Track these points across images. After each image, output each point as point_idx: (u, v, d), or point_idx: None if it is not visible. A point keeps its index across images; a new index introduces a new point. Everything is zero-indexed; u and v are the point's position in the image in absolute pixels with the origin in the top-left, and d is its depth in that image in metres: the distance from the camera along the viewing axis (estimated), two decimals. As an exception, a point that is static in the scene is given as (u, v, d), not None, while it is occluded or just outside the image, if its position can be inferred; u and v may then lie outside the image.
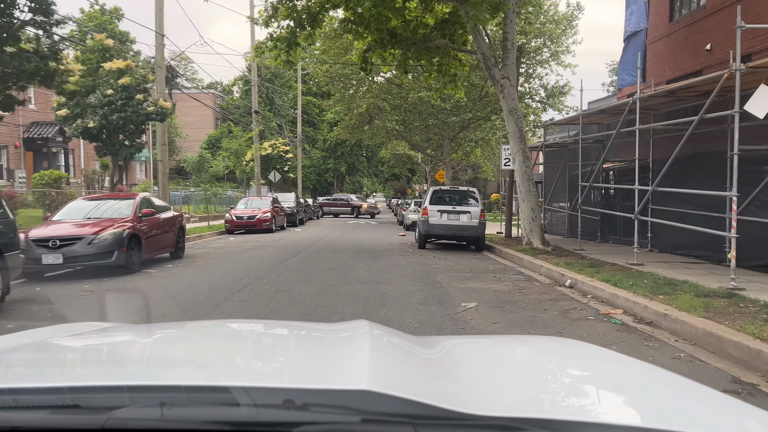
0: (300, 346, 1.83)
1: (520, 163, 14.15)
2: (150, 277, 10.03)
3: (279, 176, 35.97)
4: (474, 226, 15.34)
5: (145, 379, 1.30)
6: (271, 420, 1.03)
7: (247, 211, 23.25)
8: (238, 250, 15.22)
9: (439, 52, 15.97)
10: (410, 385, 1.28)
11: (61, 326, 2.09)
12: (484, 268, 11.71)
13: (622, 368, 1.65)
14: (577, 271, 9.79)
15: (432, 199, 15.85)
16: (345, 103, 27.80)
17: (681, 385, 1.47)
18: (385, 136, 31.00)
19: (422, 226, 15.63)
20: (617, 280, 8.35)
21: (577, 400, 1.36)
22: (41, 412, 1.08)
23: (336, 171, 52.74)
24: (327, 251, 14.77)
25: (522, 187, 14.16)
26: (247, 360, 1.64)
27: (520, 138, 14.17)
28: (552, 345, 2.14)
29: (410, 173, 58.78)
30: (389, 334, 1.90)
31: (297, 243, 17.44)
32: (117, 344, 1.85)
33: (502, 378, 1.51)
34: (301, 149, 46.94)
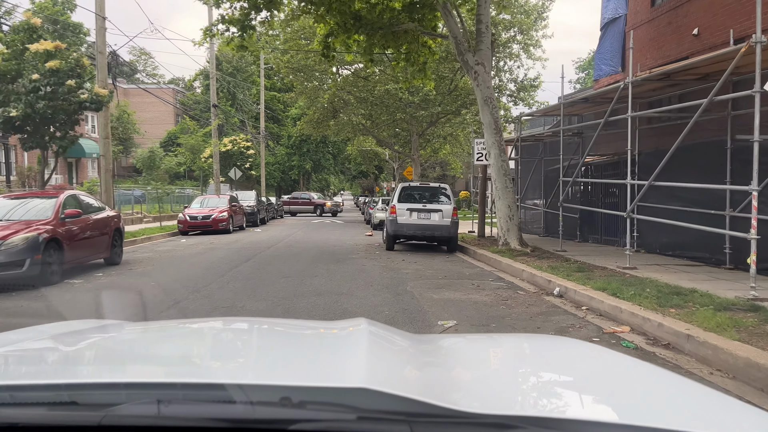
0: (297, 344, 1.81)
1: (496, 156, 13.00)
2: (67, 290, 8.49)
3: (240, 173, 34.21)
4: (446, 226, 14.15)
5: (142, 376, 1.31)
6: (267, 417, 1.03)
7: (202, 211, 21.64)
8: (186, 254, 13.71)
9: (407, 38, 14.71)
10: (407, 383, 1.34)
11: (58, 323, 2.10)
12: (459, 272, 10.50)
13: (619, 366, 1.63)
14: (564, 276, 8.65)
15: (400, 197, 14.61)
16: (308, 95, 26.33)
17: (679, 384, 1.48)
18: (351, 132, 29.65)
19: (390, 226, 14.37)
20: (615, 288, 7.22)
21: (573, 398, 1.34)
22: (38, 409, 1.07)
23: (301, 168, 51.12)
24: (285, 255, 13.38)
25: (498, 183, 13.02)
26: (243, 357, 1.63)
27: (496, 130, 13.01)
28: (548, 343, 2.13)
29: (378, 171, 57.54)
30: (387, 332, 1.90)
31: (253, 245, 15.98)
32: (114, 341, 1.84)
33: (498, 376, 1.55)
34: (264, 146, 45.19)
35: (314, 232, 22.02)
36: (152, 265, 11.49)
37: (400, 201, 14.48)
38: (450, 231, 14.18)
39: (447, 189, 14.93)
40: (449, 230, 14.16)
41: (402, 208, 14.29)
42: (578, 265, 9.92)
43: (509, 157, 17.59)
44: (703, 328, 5.15)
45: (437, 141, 34.30)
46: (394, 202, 14.53)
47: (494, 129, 12.98)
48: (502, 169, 13.00)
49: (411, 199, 14.65)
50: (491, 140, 13.00)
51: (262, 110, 45.98)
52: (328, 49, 14.61)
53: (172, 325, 2.61)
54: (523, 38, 27.76)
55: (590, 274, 8.82)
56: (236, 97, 54.71)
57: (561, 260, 10.77)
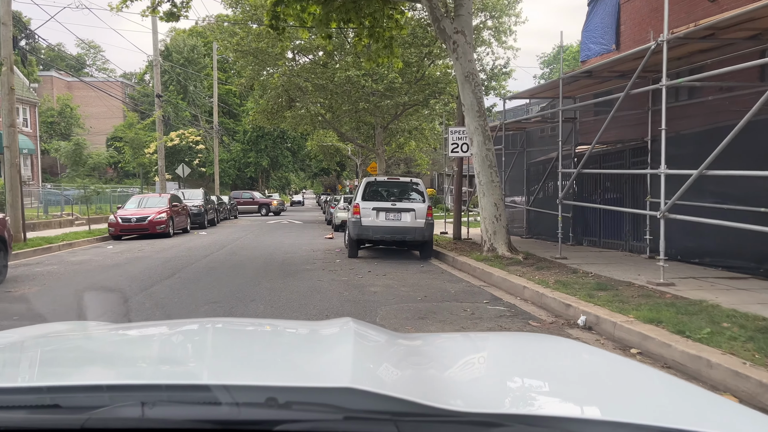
0: (283, 344, 1.80)
1: (479, 144, 10.78)
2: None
3: (188, 170, 31.26)
4: (420, 228, 11.87)
5: (126, 378, 1.29)
6: (253, 418, 1.02)
7: (138, 212, 18.87)
8: (100, 267, 11.05)
9: (370, 8, 12.34)
10: (393, 382, 1.33)
11: (39, 326, 2.06)
12: (442, 290, 8.22)
13: (606, 365, 1.63)
14: (586, 298, 6.47)
15: (365, 194, 12.26)
16: (260, 83, 23.69)
17: (667, 382, 1.49)
18: (310, 124, 27.11)
19: (353, 229, 12.01)
20: (674, 321, 5.05)
21: (560, 396, 1.34)
22: (20, 413, 1.05)
23: (258, 166, 48.17)
24: (223, 267, 10.87)
25: (482, 177, 10.80)
26: (229, 358, 1.58)
27: (479, 112, 10.79)
28: (536, 342, 2.11)
29: (339, 168, 55.00)
30: (374, 332, 1.88)
31: (190, 253, 13.39)
32: (97, 343, 1.79)
33: (485, 374, 1.57)
34: (218, 141, 42.14)
35: (267, 235, 19.46)
36: (44, 284, 8.84)
37: (364, 199, 12.15)
38: (425, 234, 11.91)
39: (420, 184, 12.65)
40: (424, 233, 11.89)
41: (367, 208, 11.95)
42: (594, 279, 7.75)
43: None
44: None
45: (402, 135, 32.12)
46: (358, 200, 12.19)
47: (477, 111, 10.76)
48: (487, 159, 10.79)
49: (378, 197, 12.33)
50: (474, 125, 10.78)
51: (215, 103, 42.90)
52: (277, 20, 12.17)
53: (156, 326, 2.48)
54: (494, 23, 25.79)
55: (618, 293, 6.66)
56: (188, 90, 51.39)
57: (566, 271, 8.62)
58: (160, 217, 18.63)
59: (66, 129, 52.95)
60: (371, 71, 22.54)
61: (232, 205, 33.79)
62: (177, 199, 21.40)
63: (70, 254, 13.84)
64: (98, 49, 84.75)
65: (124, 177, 49.90)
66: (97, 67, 79.73)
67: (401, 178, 12.90)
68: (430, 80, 24.56)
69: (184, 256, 12.57)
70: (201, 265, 11.00)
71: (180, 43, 53.19)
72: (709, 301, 5.92)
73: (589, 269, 8.76)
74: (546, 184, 14.78)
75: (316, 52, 23.84)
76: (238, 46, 22.19)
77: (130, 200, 20.69)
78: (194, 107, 51.82)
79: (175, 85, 51.22)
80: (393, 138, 31.88)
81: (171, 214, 19.34)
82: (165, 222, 18.69)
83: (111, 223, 18.50)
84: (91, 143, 52.17)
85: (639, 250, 10.74)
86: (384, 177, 12.75)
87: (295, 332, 2.02)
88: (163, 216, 18.74)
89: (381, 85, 22.44)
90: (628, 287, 7.07)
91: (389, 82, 22.40)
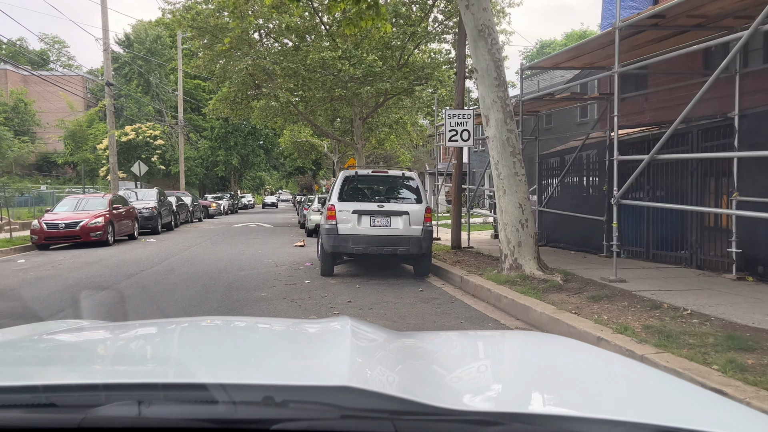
0: (280, 343, 1.77)
1: (499, 124, 7.93)
2: None
3: (145, 168, 27.92)
4: (415, 237, 8.98)
5: (122, 377, 1.28)
6: (249, 417, 1.01)
7: (69, 216, 15.66)
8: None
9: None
10: (390, 380, 1.33)
11: (36, 324, 2.04)
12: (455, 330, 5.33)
13: (602, 363, 1.61)
14: (723, 368, 3.66)
15: (343, 192, 9.33)
16: (221, 66, 20.56)
17: (664, 380, 1.48)
18: (280, 114, 24.04)
19: (328, 239, 9.06)
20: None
21: (557, 394, 1.31)
22: (16, 411, 1.04)
23: (227, 164, 44.78)
24: (143, 295, 7.82)
25: (502, 168, 7.96)
26: (225, 357, 1.54)
27: (498, 79, 7.94)
28: (532, 340, 2.10)
29: (315, 166, 51.84)
30: (371, 330, 1.85)
31: (113, 271, 10.30)
32: (93, 342, 1.78)
33: (482, 373, 1.54)
34: (183, 137, 38.75)
35: (226, 243, 16.37)
36: None
37: (342, 199, 9.22)
38: (422, 245, 9.01)
39: (414, 179, 9.72)
40: (420, 243, 8.99)
41: (345, 211, 9.02)
42: (708, 324, 4.93)
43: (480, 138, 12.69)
44: None
45: (382, 130, 29.27)
46: (334, 200, 9.24)
47: (495, 79, 7.90)
48: (508, 144, 7.94)
49: (359, 196, 9.42)
50: (490, 97, 7.92)
51: (180, 96, 39.61)
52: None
53: (153, 325, 2.33)
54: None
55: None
56: (151, 84, 47.76)
57: (643, 305, 5.81)
58: (95, 222, 15.44)
59: (20, 125, 48.97)
60: (348, 54, 19.64)
61: (195, 207, 30.49)
62: (121, 200, 18.18)
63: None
64: (63, 45, 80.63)
65: (95, 177, 46.09)
66: (62, 63, 75.56)
67: (390, 171, 9.96)
68: (415, 66, 21.75)
69: (101, 276, 9.50)
70: (114, 292, 7.93)
71: (143, 33, 49.56)
72: None
73: (673, 300, 5.96)
74: (567, 179, 12.02)
75: (287, 37, 20.81)
76: (194, 22, 19.07)
77: (62, 202, 17.40)
78: (159, 102, 48.25)
79: (137, 78, 47.58)
80: (372, 133, 29.00)
81: (110, 218, 16.15)
82: (101, 228, 15.50)
83: (34, 229, 15.27)
84: (45, 140, 48.45)
85: (713, 266, 8.00)
86: (367, 170, 9.80)
87: (291, 331, 1.96)
88: (99, 221, 15.56)
89: (359, 69, 19.49)
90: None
91: (368, 66, 19.47)
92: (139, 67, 45.53)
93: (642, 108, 11.78)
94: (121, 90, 44.11)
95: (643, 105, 11.78)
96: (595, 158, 11.01)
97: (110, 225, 16.05)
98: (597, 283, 7.21)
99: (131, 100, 44.49)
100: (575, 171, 11.85)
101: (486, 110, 7.99)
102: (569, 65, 10.42)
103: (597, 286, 6.97)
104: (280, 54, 20.90)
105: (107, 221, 15.86)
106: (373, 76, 19.91)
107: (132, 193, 22.92)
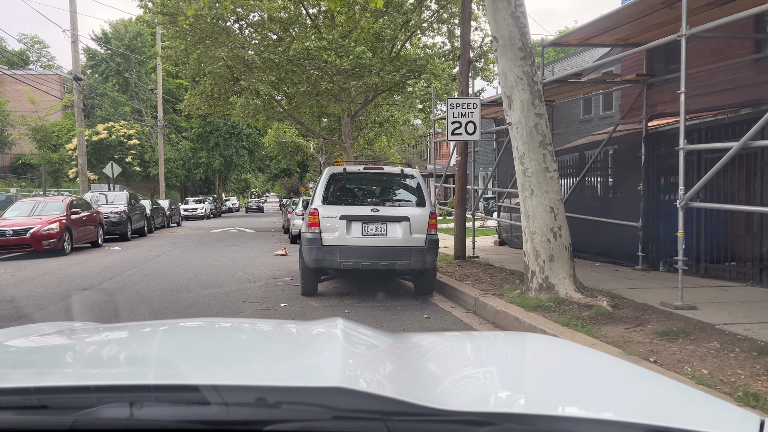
0: (273, 344, 1.75)
1: (525, 106, 6.29)
2: None
3: (119, 169, 25.98)
4: (418, 249, 7.30)
5: (114, 378, 1.27)
6: (242, 418, 1.00)
7: (19, 222, 13.84)
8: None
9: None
10: (382, 381, 1.32)
11: (27, 326, 2.00)
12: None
13: (596, 363, 1.60)
14: None
15: (329, 193, 7.62)
16: (195, 56, 18.77)
17: (656, 380, 1.47)
18: (262, 111, 22.29)
19: (310, 251, 7.34)
20: None
21: (549, 394, 1.31)
22: (7, 413, 1.03)
23: (208, 166, 42.80)
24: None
25: (529, 162, 6.32)
26: (217, 358, 1.52)
27: (523, 51, 6.30)
28: (523, 340, 2.10)
29: (301, 168, 49.98)
30: (363, 332, 1.83)
31: (49, 290, 8.51)
32: (85, 344, 1.74)
33: (475, 373, 1.54)
34: (162, 138, 36.78)
35: (198, 251, 14.59)
36: None
37: (328, 201, 7.52)
38: (425, 258, 7.33)
39: (415, 176, 8.01)
40: (424, 256, 7.31)
41: (332, 216, 7.32)
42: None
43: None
44: None
45: (372, 130, 27.64)
46: (317, 203, 7.53)
47: (521, 49, 6.27)
48: (537, 132, 6.30)
49: (349, 198, 7.73)
50: (514, 73, 6.28)
51: (160, 94, 37.66)
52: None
53: (144, 326, 2.31)
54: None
55: None
56: (130, 83, 45.74)
57: (750, 349, 4.19)
58: (48, 228, 13.62)
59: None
60: (335, 44, 17.95)
61: (173, 210, 28.62)
62: (83, 204, 16.34)
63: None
64: (43, 45, 78.34)
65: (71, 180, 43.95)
66: (42, 64, 73.24)
67: (385, 167, 8.24)
68: (408, 59, 20.13)
69: (28, 298, 7.72)
70: (30, 323, 6.18)
71: (122, 30, 47.55)
72: None
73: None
74: (588, 178, 10.43)
75: (269, 28, 19.10)
76: (164, 8, 17.29)
77: (13, 206, 15.53)
78: (138, 101, 46.24)
79: (115, 76, 45.55)
80: (361, 132, 27.36)
81: (68, 224, 14.34)
82: (56, 235, 13.68)
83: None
84: (18, 141, 46.25)
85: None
86: (358, 166, 8.06)
87: (284, 332, 1.93)
88: (53, 227, 13.73)
89: (346, 61, 17.80)
90: None
91: (356, 58, 17.79)
92: (117, 65, 43.50)
93: (674, 96, 10.21)
94: (97, 89, 42.12)
95: (674, 93, 10.22)
96: (625, 153, 9.42)
97: (67, 232, 14.24)
98: (658, 310, 5.59)
99: (108, 99, 42.49)
100: (597, 169, 10.26)
101: (508, 89, 6.34)
102: (599, 41, 8.78)
103: (660, 316, 5.35)
104: (260, 44, 19.21)
105: (63, 227, 14.04)
106: (362, 68, 18.25)
107: (101, 196, 21.07)
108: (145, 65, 46.80)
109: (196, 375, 1.24)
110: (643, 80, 8.29)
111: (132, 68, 45.65)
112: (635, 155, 8.93)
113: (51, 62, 74.20)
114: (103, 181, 29.86)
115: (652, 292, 6.42)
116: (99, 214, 17.13)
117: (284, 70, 18.55)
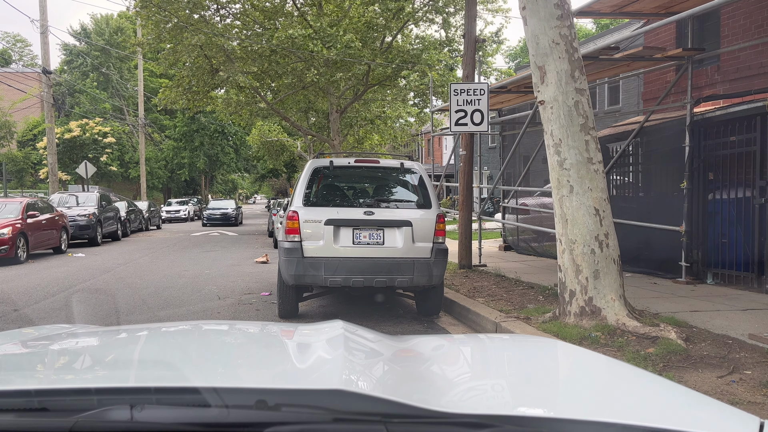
0: (273, 347, 1.74)
1: (563, 78, 4.90)
2: None
3: (93, 169, 24.36)
4: (423, 260, 5.87)
5: (114, 381, 1.25)
6: (242, 421, 0.99)
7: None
8: None
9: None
10: (382, 383, 1.31)
11: (28, 329, 1.98)
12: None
13: (594, 365, 1.57)
14: None
15: (312, 193, 6.18)
16: (172, 44, 17.24)
17: (654, 382, 1.43)
18: (245, 107, 20.78)
19: (288, 265, 5.88)
20: None
21: (547, 396, 1.31)
22: (8, 416, 1.02)
23: (192, 166, 41.11)
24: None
25: (567, 150, 4.93)
26: (218, 361, 1.52)
27: (560, 8, 4.91)
28: (524, 343, 2.06)
29: (288, 169, 48.36)
30: (363, 334, 1.80)
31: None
32: (85, 346, 1.74)
33: (474, 376, 1.53)
34: (143, 136, 35.11)
35: (168, 259, 13.08)
36: None
37: (310, 203, 6.08)
38: (432, 272, 5.91)
39: (417, 171, 6.55)
40: (430, 270, 5.88)
41: (315, 221, 5.88)
42: None
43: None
44: None
45: (363, 127, 26.25)
46: (297, 204, 6.08)
47: (557, 6, 4.88)
48: (577, 112, 4.91)
49: (336, 199, 6.32)
50: (549, 37, 4.88)
51: (141, 91, 35.99)
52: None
53: (145, 329, 2.27)
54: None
55: None
56: (110, 80, 43.99)
57: None
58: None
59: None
60: (322, 33, 16.50)
61: (152, 213, 27.01)
62: (43, 207, 14.79)
63: None
64: (25, 43, 76.27)
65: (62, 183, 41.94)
66: (25, 63, 71.17)
67: (381, 159, 6.77)
68: (401, 50, 18.73)
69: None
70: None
71: (103, 25, 45.80)
72: None
73: None
74: (612, 175, 9.08)
75: (252, 16, 17.62)
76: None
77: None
78: (119, 99, 44.52)
79: (94, 72, 43.78)
80: (351, 129, 25.95)
81: (23, 228, 12.80)
82: (7, 241, 12.14)
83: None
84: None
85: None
86: (348, 159, 6.56)
87: (284, 334, 1.89)
88: (4, 233, 12.19)
89: (334, 51, 16.35)
90: None
91: (344, 47, 16.32)
92: (95, 59, 41.73)
93: (713, 80, 8.88)
94: (74, 85, 40.37)
95: (714, 76, 8.89)
96: (660, 145, 8.06)
97: (22, 237, 12.70)
98: (747, 345, 4.21)
99: (87, 97, 40.73)
100: (624, 165, 8.92)
101: (540, 58, 4.94)
102: (637, 8, 7.40)
103: (756, 355, 3.97)
104: (241, 33, 17.74)
105: (17, 232, 12.50)
106: (351, 59, 16.82)
107: (71, 197, 19.53)
108: (127, 62, 45.11)
109: (196, 377, 1.24)
110: (689, 57, 6.94)
111: (112, 64, 43.92)
112: (674, 147, 7.58)
113: (33, 61, 72.26)
114: (72, 181, 28.23)
115: (723, 317, 5.06)
116: (63, 217, 15.57)
117: (267, 60, 17.10)
